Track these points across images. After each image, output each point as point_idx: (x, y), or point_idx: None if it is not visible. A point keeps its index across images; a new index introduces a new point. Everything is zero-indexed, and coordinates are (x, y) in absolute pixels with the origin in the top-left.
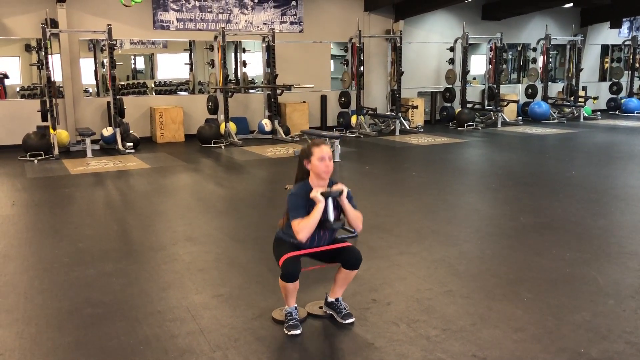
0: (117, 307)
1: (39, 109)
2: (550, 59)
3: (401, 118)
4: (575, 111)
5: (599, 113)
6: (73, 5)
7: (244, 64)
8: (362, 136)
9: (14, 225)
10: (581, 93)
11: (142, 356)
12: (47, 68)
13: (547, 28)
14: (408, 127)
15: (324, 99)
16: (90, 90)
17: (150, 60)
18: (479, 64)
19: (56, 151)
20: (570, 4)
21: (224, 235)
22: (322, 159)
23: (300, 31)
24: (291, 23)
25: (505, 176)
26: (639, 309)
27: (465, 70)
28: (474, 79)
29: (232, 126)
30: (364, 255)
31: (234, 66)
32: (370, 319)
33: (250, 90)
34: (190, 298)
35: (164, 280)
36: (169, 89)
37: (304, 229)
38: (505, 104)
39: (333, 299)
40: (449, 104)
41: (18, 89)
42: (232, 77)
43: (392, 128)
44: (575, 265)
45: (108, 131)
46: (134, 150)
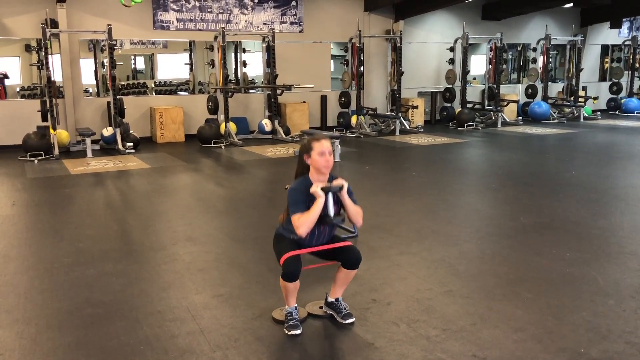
0: (117, 307)
1: (39, 109)
2: (550, 59)
3: (401, 118)
4: (575, 111)
5: (599, 113)
6: (73, 6)
7: (244, 64)
8: (362, 136)
9: (14, 226)
10: (581, 93)
11: (142, 356)
12: (47, 68)
13: (547, 28)
14: (408, 127)
15: (324, 99)
16: (91, 90)
17: (150, 60)
18: (479, 64)
19: (56, 151)
20: (570, 4)
21: (224, 235)
22: (322, 154)
23: (300, 31)
24: (291, 23)
25: (505, 176)
26: (639, 309)
27: (465, 70)
28: (474, 79)
29: (232, 126)
30: (364, 255)
31: (234, 66)
32: (371, 319)
33: (250, 91)
34: (190, 298)
35: (164, 280)
36: (169, 89)
37: (304, 224)
38: (505, 104)
39: (333, 299)
40: (449, 104)
41: (18, 89)
42: (232, 77)
43: (392, 128)
44: (575, 265)
45: (108, 131)
46: (134, 151)
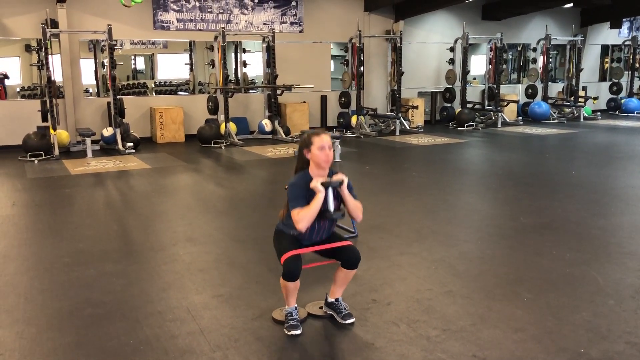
0: (118, 308)
1: (39, 109)
2: (550, 59)
3: (401, 118)
4: (575, 111)
5: (599, 113)
6: (73, 6)
7: (244, 64)
8: (362, 136)
9: (14, 226)
10: (581, 93)
11: (143, 356)
12: (47, 68)
13: (547, 28)
14: (408, 127)
15: (324, 99)
16: (91, 90)
17: (151, 60)
18: (479, 64)
19: (56, 151)
20: (570, 4)
21: (224, 236)
22: (322, 148)
23: (301, 31)
24: (291, 23)
25: (505, 176)
26: (639, 309)
27: (465, 71)
28: (474, 79)
29: (232, 126)
30: (364, 256)
31: (234, 66)
32: (371, 319)
33: (250, 91)
34: (190, 298)
35: (164, 280)
36: (169, 89)
37: (304, 219)
38: (505, 104)
39: (333, 299)
40: (449, 104)
41: (18, 89)
42: (232, 78)
43: (392, 128)
44: (575, 266)
45: (108, 131)
46: (134, 151)
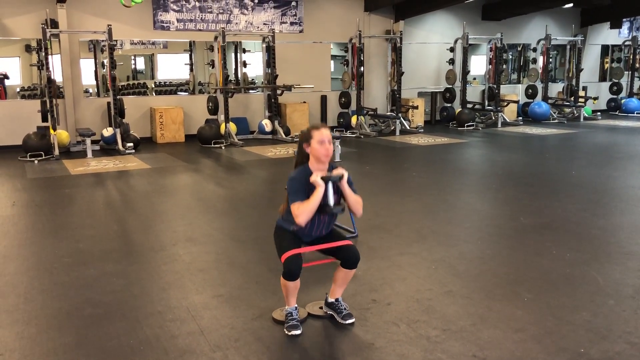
0: (118, 308)
1: (39, 110)
2: (550, 59)
3: (401, 118)
4: (575, 111)
5: (599, 113)
6: (73, 6)
7: (244, 65)
8: (363, 136)
9: (14, 226)
10: (581, 93)
11: (143, 356)
12: (47, 68)
13: (547, 28)
14: (408, 128)
15: (324, 99)
16: (91, 90)
17: (151, 60)
18: (479, 64)
19: (56, 151)
20: (570, 5)
21: (224, 236)
22: (322, 142)
23: (301, 31)
24: (291, 23)
25: (505, 176)
26: (639, 309)
27: (465, 71)
28: (474, 79)
29: (232, 126)
30: (365, 256)
31: (234, 66)
32: (371, 320)
33: (250, 91)
34: (190, 298)
35: (164, 280)
36: (169, 89)
37: (303, 213)
38: (505, 104)
39: (333, 300)
40: (449, 104)
41: (18, 90)
42: (232, 78)
43: (392, 128)
44: (575, 266)
45: (108, 131)
46: (134, 151)
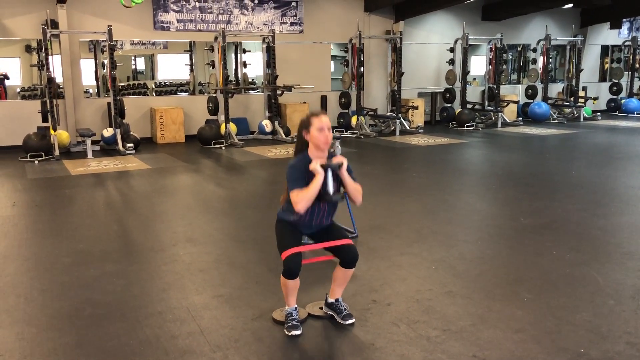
0: (118, 308)
1: (39, 110)
2: (550, 60)
3: (401, 119)
4: (575, 112)
5: (599, 113)
6: (73, 6)
7: (244, 65)
8: (363, 137)
9: (14, 226)
10: (581, 93)
11: (143, 357)
12: (48, 69)
13: (547, 29)
14: (408, 128)
15: (324, 99)
16: (91, 91)
17: (151, 61)
18: (479, 65)
19: (57, 152)
20: (571, 5)
21: (224, 236)
22: (321, 130)
23: (301, 32)
24: (291, 24)
25: (505, 177)
26: (639, 309)
27: (465, 71)
28: (474, 79)
29: (233, 127)
30: (365, 256)
31: (234, 67)
32: (371, 320)
33: (250, 91)
34: (190, 299)
35: (164, 280)
36: (169, 89)
37: (303, 200)
38: (505, 104)
39: (333, 300)
40: (449, 105)
41: (18, 90)
42: (233, 78)
43: (393, 129)
44: (575, 266)
45: (108, 132)
46: (134, 151)
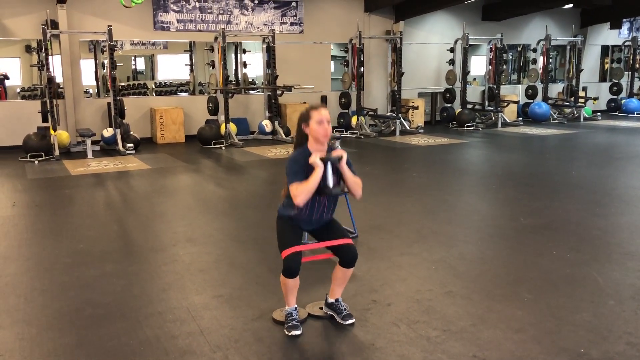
0: (118, 308)
1: (39, 110)
2: (550, 60)
3: (401, 119)
4: (575, 112)
5: (599, 114)
6: (73, 6)
7: (245, 65)
8: (363, 137)
9: (14, 226)
10: (581, 94)
11: (143, 357)
12: (48, 69)
13: (547, 29)
14: (408, 128)
15: (324, 99)
16: (91, 91)
17: (151, 61)
18: (479, 65)
19: (57, 152)
20: (571, 5)
21: (224, 236)
22: (321, 122)
23: (301, 32)
24: (291, 24)
25: (505, 177)
26: (639, 309)
27: (465, 71)
28: (474, 79)
29: (233, 127)
30: (365, 256)
31: (234, 67)
32: (371, 320)
33: (250, 91)
34: (190, 299)
35: (165, 281)
36: (169, 89)
37: (302, 193)
38: (505, 104)
39: (333, 300)
40: (449, 105)
41: (18, 90)
42: (233, 78)
43: (393, 129)
44: (575, 266)
45: (108, 132)
46: (134, 151)
